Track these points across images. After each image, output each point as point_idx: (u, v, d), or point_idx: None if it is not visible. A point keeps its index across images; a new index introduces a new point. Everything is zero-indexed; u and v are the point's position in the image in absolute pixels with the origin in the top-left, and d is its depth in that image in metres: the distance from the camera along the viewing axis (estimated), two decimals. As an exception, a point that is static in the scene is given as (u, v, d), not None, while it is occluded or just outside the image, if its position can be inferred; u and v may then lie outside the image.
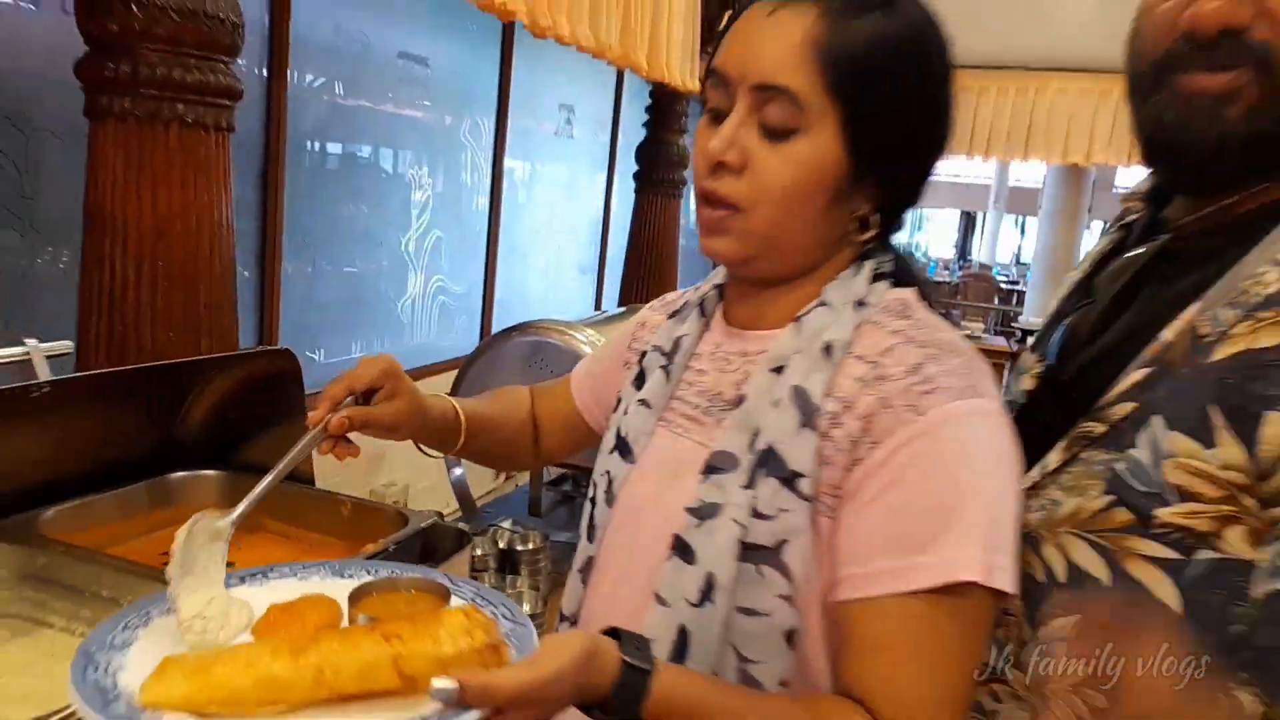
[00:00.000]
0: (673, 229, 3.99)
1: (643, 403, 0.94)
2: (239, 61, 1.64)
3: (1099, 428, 0.82)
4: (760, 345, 0.88)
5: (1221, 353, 0.76)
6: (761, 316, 0.89)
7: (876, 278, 0.86)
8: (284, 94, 2.67)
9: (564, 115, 4.36)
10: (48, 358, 0.91)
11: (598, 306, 4.95)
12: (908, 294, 0.86)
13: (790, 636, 0.79)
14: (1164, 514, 0.77)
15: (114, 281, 1.54)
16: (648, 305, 1.09)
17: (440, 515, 1.17)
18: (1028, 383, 0.97)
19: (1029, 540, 0.85)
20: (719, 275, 0.99)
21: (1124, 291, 0.92)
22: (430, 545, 1.12)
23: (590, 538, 0.95)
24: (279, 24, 2.62)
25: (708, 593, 0.79)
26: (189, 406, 1.18)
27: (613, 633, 0.73)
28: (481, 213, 3.80)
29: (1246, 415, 0.73)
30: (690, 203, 4.48)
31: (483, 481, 3.11)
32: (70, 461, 1.05)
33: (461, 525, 1.12)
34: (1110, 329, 0.90)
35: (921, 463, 0.75)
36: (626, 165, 4.37)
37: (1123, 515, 0.80)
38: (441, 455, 1.08)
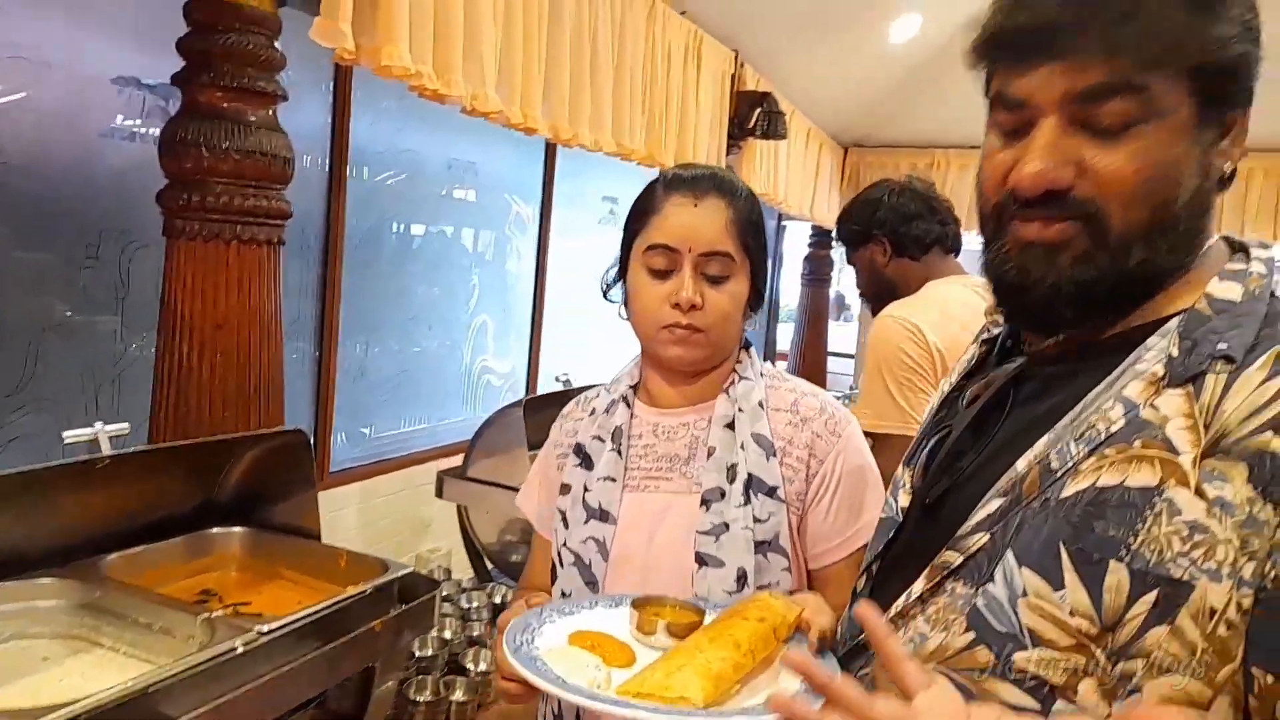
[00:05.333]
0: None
1: (607, 479, 1.22)
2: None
3: (956, 558, 0.80)
4: (700, 415, 1.24)
5: (1070, 489, 0.74)
6: (688, 397, 1.26)
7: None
8: (343, 196, 3.00)
9: (607, 206, 4.69)
10: (110, 436, 1.20)
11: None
12: (769, 365, 1.32)
13: (790, 596, 1.11)
14: (1020, 659, 0.74)
15: (181, 368, 1.86)
16: (564, 411, 1.36)
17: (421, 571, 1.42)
18: (904, 498, 0.95)
19: None
20: (628, 378, 1.29)
21: (982, 414, 0.90)
22: (405, 591, 1.37)
23: (593, 589, 1.20)
24: (339, 135, 2.96)
25: (741, 582, 1.14)
26: (223, 476, 1.47)
27: None
28: (526, 297, 4.12)
29: (1091, 559, 0.71)
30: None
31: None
32: (125, 519, 1.34)
33: (433, 576, 1.37)
34: (970, 452, 0.88)
35: (848, 466, 1.21)
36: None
37: (984, 655, 0.76)
38: None
